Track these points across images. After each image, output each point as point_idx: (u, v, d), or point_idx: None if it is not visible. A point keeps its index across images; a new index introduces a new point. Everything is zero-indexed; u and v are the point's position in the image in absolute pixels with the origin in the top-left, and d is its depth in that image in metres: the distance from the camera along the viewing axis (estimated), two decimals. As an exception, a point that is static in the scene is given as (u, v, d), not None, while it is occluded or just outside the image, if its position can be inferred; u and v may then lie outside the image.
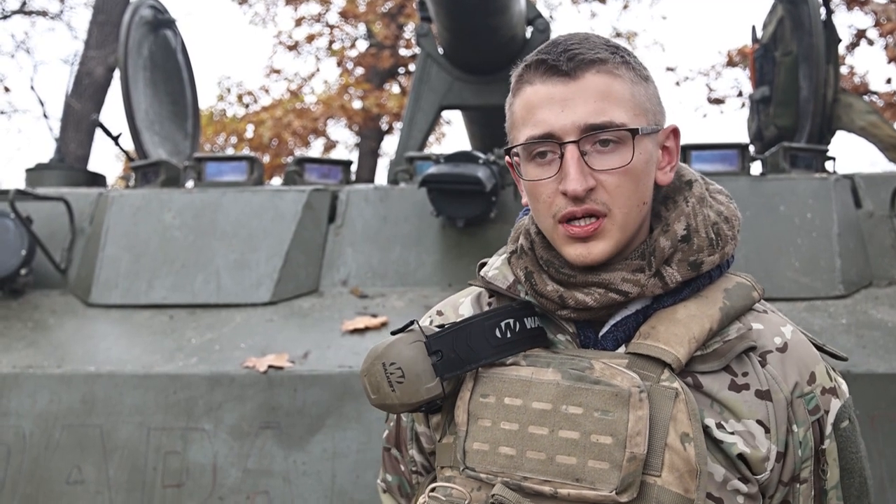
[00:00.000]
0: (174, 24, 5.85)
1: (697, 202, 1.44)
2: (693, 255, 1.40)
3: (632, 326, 1.41)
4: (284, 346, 3.36)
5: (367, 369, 1.45)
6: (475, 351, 1.40)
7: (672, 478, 1.29)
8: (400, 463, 1.63)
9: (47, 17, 15.24)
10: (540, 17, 5.52)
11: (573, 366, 1.35)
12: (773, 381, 1.38)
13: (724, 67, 15.83)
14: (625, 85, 1.37)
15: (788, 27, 5.50)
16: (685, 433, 1.30)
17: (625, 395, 1.30)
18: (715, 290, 1.42)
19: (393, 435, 1.64)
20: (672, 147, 1.45)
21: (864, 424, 3.01)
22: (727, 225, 1.45)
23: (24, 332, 3.67)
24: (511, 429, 1.35)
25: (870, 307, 3.52)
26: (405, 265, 3.87)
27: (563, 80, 1.35)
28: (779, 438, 1.37)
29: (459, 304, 1.57)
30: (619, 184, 1.34)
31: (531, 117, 1.37)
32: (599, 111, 1.34)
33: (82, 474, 3.16)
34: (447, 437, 1.45)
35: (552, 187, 1.36)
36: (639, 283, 1.37)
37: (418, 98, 5.55)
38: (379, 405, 1.45)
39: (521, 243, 1.48)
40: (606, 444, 1.29)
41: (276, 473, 3.09)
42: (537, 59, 1.39)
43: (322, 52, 16.23)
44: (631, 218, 1.37)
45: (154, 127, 5.43)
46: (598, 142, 1.34)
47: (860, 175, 3.98)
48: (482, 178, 3.68)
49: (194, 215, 4.01)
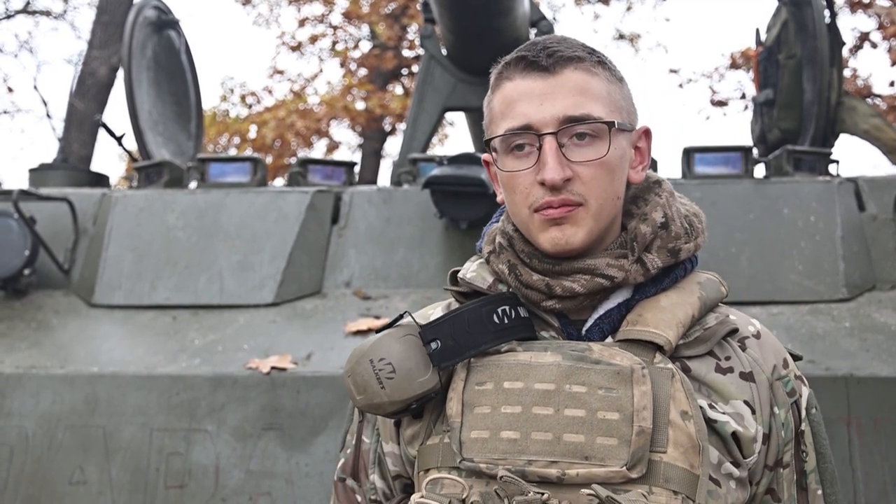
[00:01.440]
0: (178, 25, 5.86)
1: (669, 195, 1.50)
2: (671, 241, 1.45)
3: (616, 318, 1.43)
4: (287, 347, 3.36)
5: (351, 369, 1.42)
6: (474, 336, 1.39)
7: (677, 453, 1.30)
8: (356, 493, 1.58)
9: (51, 17, 15.28)
10: (544, 18, 5.52)
11: (571, 348, 1.37)
12: (755, 363, 1.43)
13: (728, 70, 15.83)
14: (601, 83, 1.41)
15: (792, 30, 5.49)
16: (684, 411, 1.32)
17: (627, 373, 1.31)
18: (690, 283, 1.47)
19: (350, 464, 1.59)
20: (644, 147, 1.50)
21: (867, 428, 3.01)
22: (696, 219, 1.52)
23: (27, 333, 3.67)
24: (513, 412, 1.34)
25: (873, 311, 3.52)
26: (408, 267, 3.87)
27: (542, 76, 1.39)
28: (763, 420, 1.40)
29: (430, 316, 1.54)
30: (595, 176, 1.38)
31: (510, 111, 1.41)
32: (577, 104, 1.38)
33: (85, 475, 3.16)
34: (432, 439, 1.41)
35: (529, 178, 1.39)
36: (623, 267, 1.41)
37: (422, 99, 5.55)
38: (365, 406, 1.41)
39: (498, 241, 1.50)
40: (614, 420, 1.29)
41: (279, 475, 3.09)
42: (517, 56, 1.43)
43: (325, 52, 16.25)
44: (605, 209, 1.40)
45: (157, 127, 5.43)
46: (576, 135, 1.38)
47: (864, 178, 3.98)
48: (485, 179, 3.68)
49: (198, 216, 4.01)
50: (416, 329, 1.42)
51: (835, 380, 3.04)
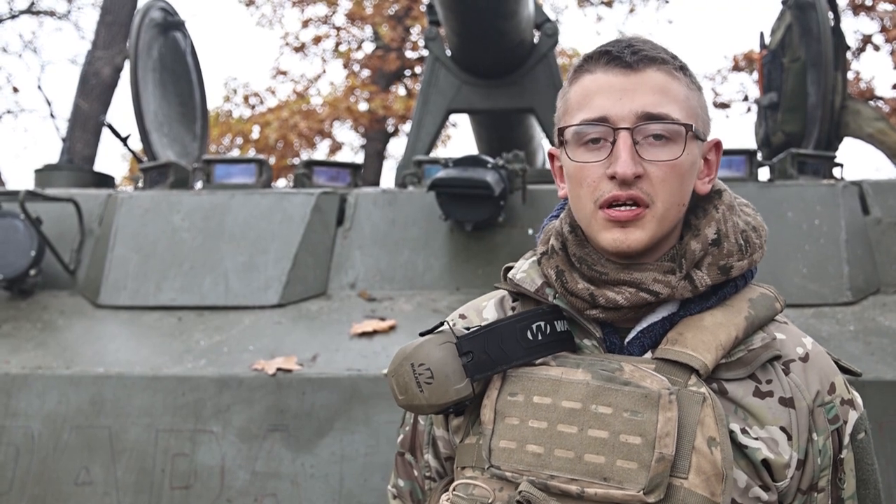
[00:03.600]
0: (184, 26, 5.86)
1: (727, 209, 1.47)
2: (723, 259, 1.42)
3: (658, 333, 1.42)
4: (293, 348, 3.36)
5: (394, 370, 1.45)
6: (506, 352, 1.41)
7: (699, 481, 1.29)
8: (413, 468, 1.63)
9: (55, 17, 15.29)
10: (548, 21, 5.52)
11: (603, 367, 1.36)
12: (797, 388, 1.40)
13: (730, 72, 15.83)
14: (681, 87, 1.42)
15: (796, 33, 5.50)
16: (712, 437, 1.31)
17: (654, 397, 1.31)
18: (740, 300, 1.44)
19: (408, 439, 1.64)
20: (713, 160, 1.49)
21: (872, 431, 3.00)
22: (755, 234, 1.48)
23: (32, 333, 3.67)
24: (539, 427, 1.35)
25: (878, 314, 3.52)
26: (413, 269, 3.87)
27: (624, 72, 1.39)
28: (800, 446, 1.38)
29: (483, 308, 1.58)
30: (665, 178, 1.37)
31: (587, 103, 1.40)
32: (657, 103, 1.38)
33: (90, 475, 3.16)
34: (470, 438, 1.45)
35: (599, 171, 1.38)
36: (669, 284, 1.39)
37: (426, 101, 5.56)
38: (406, 406, 1.45)
39: (552, 244, 1.49)
40: (635, 445, 1.30)
41: (284, 476, 3.09)
42: (600, 51, 1.42)
43: (328, 53, 16.27)
44: (670, 214, 1.39)
45: (163, 128, 5.44)
46: (652, 135, 1.37)
47: (868, 182, 3.98)
48: (491, 182, 3.69)
49: (203, 217, 4.02)
50: (455, 338, 1.44)
51: (839, 383, 3.04)
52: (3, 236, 3.87)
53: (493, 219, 3.82)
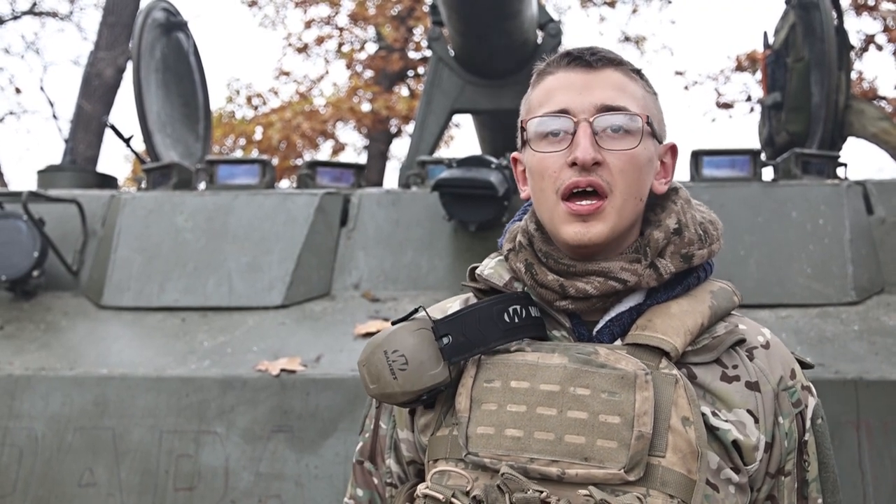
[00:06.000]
0: (187, 27, 5.86)
1: (685, 202, 1.53)
2: (685, 247, 1.47)
3: (626, 322, 1.45)
4: (297, 349, 3.36)
5: (366, 359, 1.45)
6: (484, 334, 1.42)
7: (676, 458, 1.33)
8: (373, 476, 1.62)
9: (57, 18, 15.31)
10: (552, 21, 5.52)
11: (578, 350, 1.39)
12: (761, 373, 1.45)
13: (733, 72, 15.79)
14: (638, 88, 1.49)
15: (800, 33, 5.49)
16: (686, 417, 1.34)
17: (630, 378, 1.34)
18: (703, 291, 1.49)
19: (368, 447, 1.63)
20: (669, 164, 1.55)
21: (877, 431, 3.01)
22: (712, 226, 1.54)
23: (36, 334, 3.68)
24: (518, 410, 1.37)
25: (882, 314, 3.52)
26: (417, 269, 3.88)
27: (584, 70, 1.46)
28: (767, 429, 1.42)
29: (448, 308, 1.58)
30: (624, 168, 1.42)
31: (549, 99, 1.46)
32: (616, 97, 1.44)
33: (94, 477, 3.17)
34: (442, 430, 1.45)
35: (560, 161, 1.42)
36: (636, 272, 1.43)
37: (430, 102, 5.55)
38: (378, 394, 1.45)
39: (518, 240, 1.52)
40: (614, 424, 1.32)
41: (288, 477, 3.09)
42: (561, 54, 1.49)
43: (331, 54, 16.25)
44: (628, 206, 1.43)
45: (166, 129, 5.44)
46: (610, 128, 1.42)
47: (872, 181, 3.98)
48: (494, 182, 3.69)
49: (206, 218, 4.02)
50: (430, 323, 1.45)
51: (844, 383, 3.04)
52: (6, 237, 3.87)
53: (496, 219, 3.82)
